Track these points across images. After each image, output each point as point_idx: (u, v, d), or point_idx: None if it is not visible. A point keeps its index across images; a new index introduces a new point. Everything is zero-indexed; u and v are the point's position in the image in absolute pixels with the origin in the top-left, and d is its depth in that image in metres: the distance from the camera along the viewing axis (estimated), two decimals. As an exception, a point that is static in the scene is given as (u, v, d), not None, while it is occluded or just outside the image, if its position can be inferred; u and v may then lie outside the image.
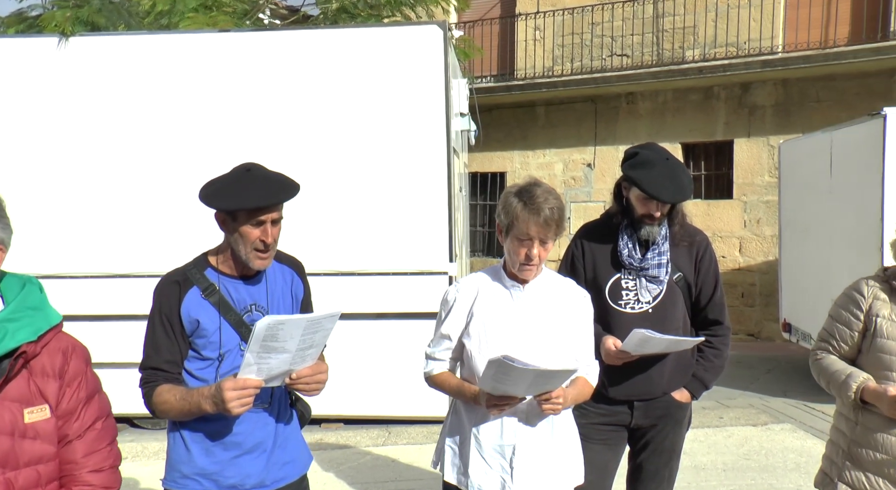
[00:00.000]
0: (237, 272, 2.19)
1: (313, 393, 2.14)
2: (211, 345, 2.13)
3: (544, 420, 2.28)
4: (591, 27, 11.49)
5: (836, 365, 2.45)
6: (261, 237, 2.10)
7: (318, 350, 2.07)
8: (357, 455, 5.31)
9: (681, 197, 2.66)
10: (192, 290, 2.14)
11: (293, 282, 2.32)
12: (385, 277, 5.67)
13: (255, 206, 2.06)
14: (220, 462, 2.15)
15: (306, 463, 2.36)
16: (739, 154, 10.79)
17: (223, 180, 2.13)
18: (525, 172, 12.08)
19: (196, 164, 5.67)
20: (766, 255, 10.51)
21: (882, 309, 2.38)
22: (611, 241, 2.76)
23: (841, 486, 2.44)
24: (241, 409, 1.97)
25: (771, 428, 5.85)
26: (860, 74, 9.85)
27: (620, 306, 2.73)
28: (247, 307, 2.18)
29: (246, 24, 8.75)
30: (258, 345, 1.88)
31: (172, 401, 2.06)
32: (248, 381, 1.95)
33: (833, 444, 2.55)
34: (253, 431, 2.17)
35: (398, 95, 5.66)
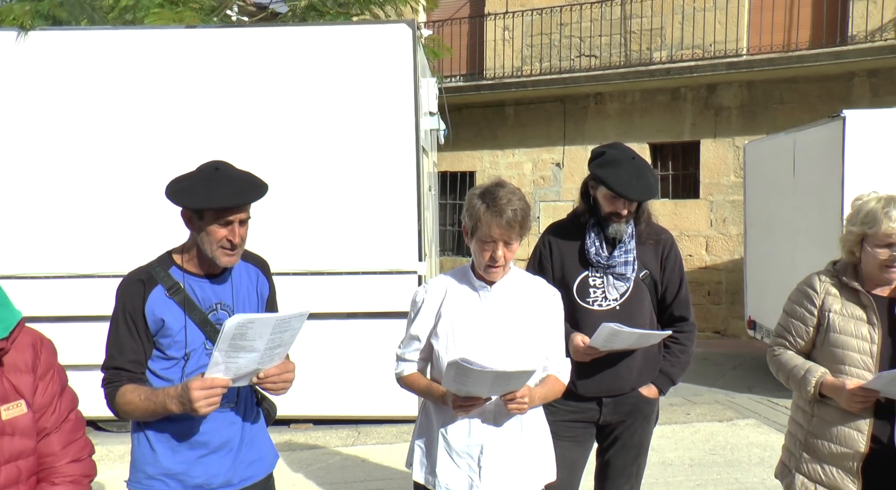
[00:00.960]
0: (203, 271, 2.16)
1: (280, 392, 2.12)
2: (176, 344, 2.11)
3: (512, 419, 2.29)
4: (560, 28, 11.57)
5: (794, 360, 2.50)
6: (228, 237, 2.08)
7: (286, 349, 2.05)
8: (326, 455, 5.28)
9: (647, 195, 2.70)
10: (156, 289, 2.10)
11: (258, 281, 2.30)
12: (354, 277, 5.65)
13: (222, 205, 2.04)
14: (185, 462, 2.12)
15: (272, 461, 2.34)
16: (706, 154, 10.95)
17: (191, 178, 2.10)
18: (494, 172, 12.12)
19: (160, 163, 5.58)
20: (732, 254, 10.69)
21: (834, 304, 2.44)
22: (578, 240, 2.80)
23: (798, 476, 2.50)
24: (208, 409, 1.95)
25: (736, 423, 5.95)
26: (821, 77, 10.06)
27: (588, 304, 2.75)
28: (212, 306, 2.15)
29: (213, 21, 8.64)
30: (227, 343, 1.86)
31: (137, 401, 2.03)
32: (216, 380, 1.93)
33: (791, 435, 2.60)
34: (219, 430, 2.15)
35: (367, 94, 5.64)
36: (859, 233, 2.39)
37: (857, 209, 2.43)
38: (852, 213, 2.45)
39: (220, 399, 1.97)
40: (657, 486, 4.57)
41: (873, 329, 2.37)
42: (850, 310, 2.42)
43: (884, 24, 9.65)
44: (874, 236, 2.34)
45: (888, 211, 2.31)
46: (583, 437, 2.84)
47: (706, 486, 4.58)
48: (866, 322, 2.39)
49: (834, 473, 2.41)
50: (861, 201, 2.43)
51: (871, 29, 9.70)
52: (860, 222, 2.38)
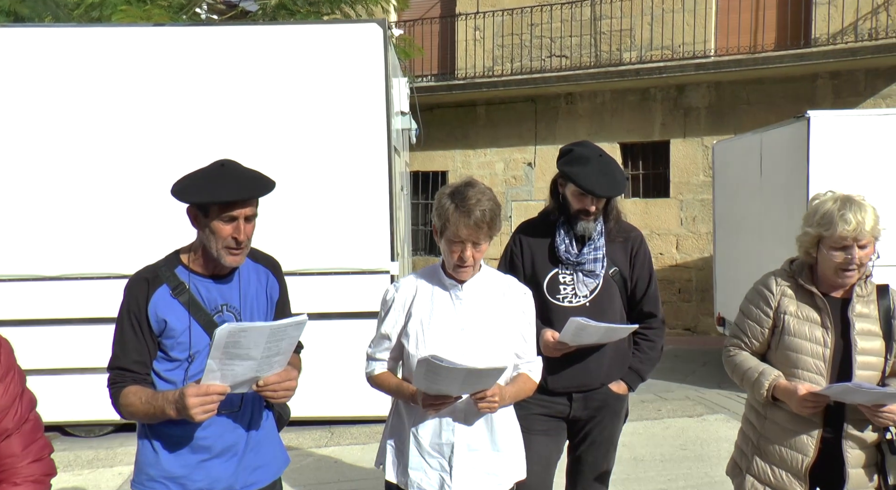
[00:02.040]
0: (209, 271, 2.12)
1: (281, 400, 2.10)
2: (180, 346, 2.07)
3: (483, 418, 2.29)
4: (531, 28, 11.63)
5: (749, 362, 2.49)
6: (233, 234, 2.04)
7: (286, 357, 2.02)
8: (300, 456, 5.25)
9: (615, 191, 2.74)
10: (161, 289, 2.07)
11: (268, 282, 2.27)
12: (326, 277, 5.62)
13: (227, 199, 2.00)
14: (187, 466, 2.09)
15: (280, 466, 2.31)
16: (675, 154, 11.09)
17: (196, 175, 2.07)
18: (466, 171, 12.15)
19: (126, 163, 5.51)
20: (702, 252, 10.84)
21: (789, 306, 2.43)
22: (548, 238, 2.83)
23: (748, 477, 2.51)
24: (203, 416, 1.92)
25: (706, 418, 6.04)
26: (786, 78, 10.26)
27: (559, 300, 2.78)
28: (217, 307, 2.11)
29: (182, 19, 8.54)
30: (220, 351, 1.84)
31: (138, 404, 2.00)
32: (212, 387, 1.90)
33: (744, 435, 2.61)
34: (223, 435, 2.12)
35: (338, 94, 5.61)
36: (815, 234, 2.37)
37: (814, 210, 2.40)
38: (809, 213, 2.43)
39: (219, 405, 1.94)
40: (629, 481, 4.62)
41: (827, 332, 2.37)
42: (805, 312, 2.41)
43: (844, 28, 9.86)
44: (830, 238, 2.31)
45: (843, 214, 2.28)
46: (555, 431, 2.87)
47: (677, 481, 4.64)
48: (820, 325, 2.38)
49: (783, 476, 2.42)
50: (818, 201, 2.41)
51: (832, 32, 9.92)
52: (816, 224, 2.36)
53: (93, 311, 5.31)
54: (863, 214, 2.29)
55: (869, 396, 2.24)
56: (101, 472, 4.98)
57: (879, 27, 9.70)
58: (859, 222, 2.27)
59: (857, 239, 2.29)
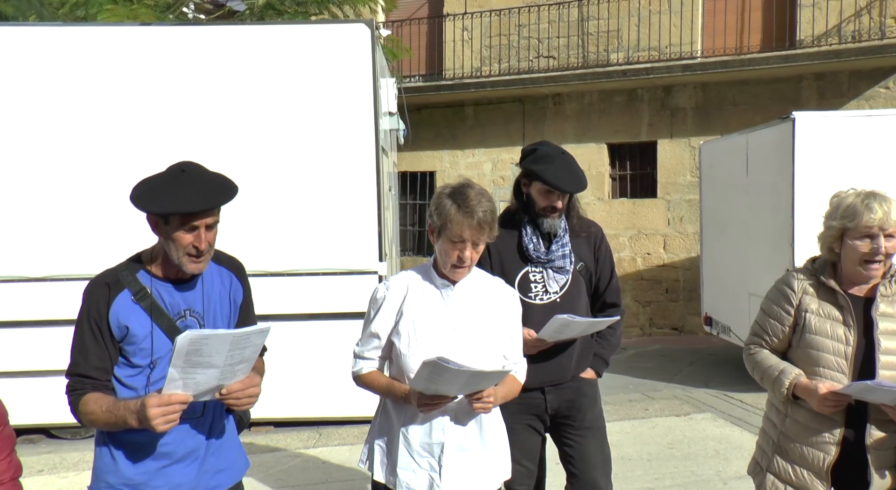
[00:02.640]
0: (171, 276, 2.09)
1: (245, 407, 2.07)
2: (142, 351, 2.04)
3: (473, 418, 2.30)
4: (518, 29, 11.65)
5: (770, 360, 2.48)
6: (194, 243, 2.00)
7: (249, 364, 2.00)
8: (287, 457, 5.23)
9: (580, 187, 2.82)
10: (122, 294, 2.03)
11: (232, 285, 2.23)
12: (314, 277, 5.60)
13: (187, 210, 1.96)
14: (147, 472, 2.07)
15: (241, 470, 2.29)
16: (662, 154, 11.14)
17: (156, 180, 2.02)
18: (454, 172, 12.16)
19: (113, 164, 5.47)
20: (689, 252, 10.90)
21: (811, 304, 2.41)
22: (515, 238, 2.88)
23: (769, 476, 2.51)
24: (165, 427, 1.88)
25: (693, 417, 6.07)
26: (772, 80, 10.34)
27: (530, 298, 2.82)
28: (180, 312, 2.08)
29: (169, 18, 8.49)
30: (181, 359, 1.81)
31: (98, 412, 1.97)
32: (174, 396, 1.87)
33: (765, 434, 2.60)
34: (184, 440, 2.09)
35: (325, 94, 5.60)
36: (840, 227, 2.35)
37: (836, 205, 2.39)
38: (831, 210, 2.41)
39: (181, 414, 1.91)
40: (616, 480, 4.59)
41: (849, 330, 2.35)
42: (827, 310, 2.39)
43: (828, 30, 9.95)
44: (855, 229, 2.31)
45: (868, 203, 2.29)
46: (535, 425, 2.91)
47: (664, 480, 4.67)
48: (842, 323, 2.37)
49: (804, 475, 2.41)
50: (839, 197, 2.41)
51: (817, 34, 10.00)
52: (840, 216, 2.35)
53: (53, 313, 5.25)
54: (888, 205, 2.30)
55: (891, 395, 2.21)
56: (87, 474, 4.91)
57: (862, 30, 9.80)
58: (885, 212, 2.28)
59: (882, 228, 2.28)
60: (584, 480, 2.93)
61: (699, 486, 4.53)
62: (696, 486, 4.54)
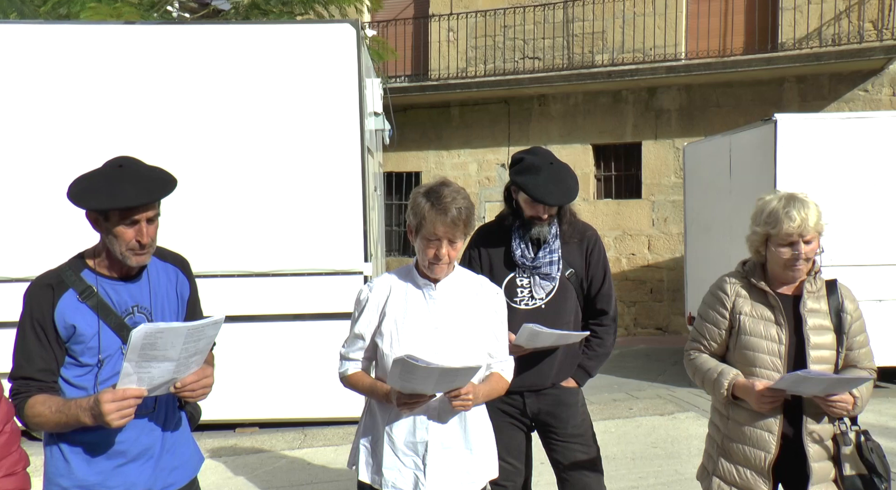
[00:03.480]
0: (116, 273, 2.08)
1: (199, 398, 2.08)
2: (90, 350, 2.02)
3: (456, 416, 2.31)
4: (504, 30, 11.68)
5: (709, 363, 2.55)
6: (136, 237, 2.00)
7: (203, 356, 2.00)
8: (272, 459, 5.22)
9: (565, 200, 2.80)
10: (67, 294, 2.01)
11: (178, 280, 2.23)
12: (300, 278, 5.60)
13: (126, 205, 1.96)
14: (102, 472, 2.04)
15: (196, 466, 2.29)
16: (647, 155, 11.21)
17: (92, 177, 2.01)
18: (440, 172, 12.16)
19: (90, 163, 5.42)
20: (674, 253, 10.97)
21: (744, 306, 2.49)
22: (504, 243, 2.89)
23: (715, 479, 2.56)
24: (121, 422, 1.87)
25: (676, 417, 6.12)
26: (754, 82, 10.44)
27: (516, 303, 2.84)
28: (128, 309, 2.07)
29: (153, 17, 8.44)
30: (136, 354, 1.81)
31: (47, 413, 1.94)
32: (129, 391, 1.86)
33: (710, 438, 2.66)
34: (138, 438, 2.08)
35: (311, 94, 5.59)
36: (763, 233, 2.44)
37: (760, 209, 2.47)
38: (755, 213, 2.49)
39: (135, 410, 1.90)
40: (601, 479, 4.67)
41: (781, 329, 2.43)
42: (759, 311, 2.47)
43: (809, 33, 10.07)
44: (777, 236, 2.39)
45: (788, 211, 2.36)
46: (518, 423, 2.92)
47: (647, 479, 4.70)
48: (774, 323, 2.44)
49: (747, 475, 2.47)
50: (763, 201, 2.48)
51: (798, 37, 10.12)
52: (763, 223, 2.43)
53: None
54: (806, 211, 2.37)
55: (821, 384, 2.29)
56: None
57: (842, 33, 9.92)
58: (803, 219, 2.35)
59: (802, 235, 2.37)
60: (576, 487, 2.94)
61: (682, 484, 4.57)
62: (679, 484, 4.58)
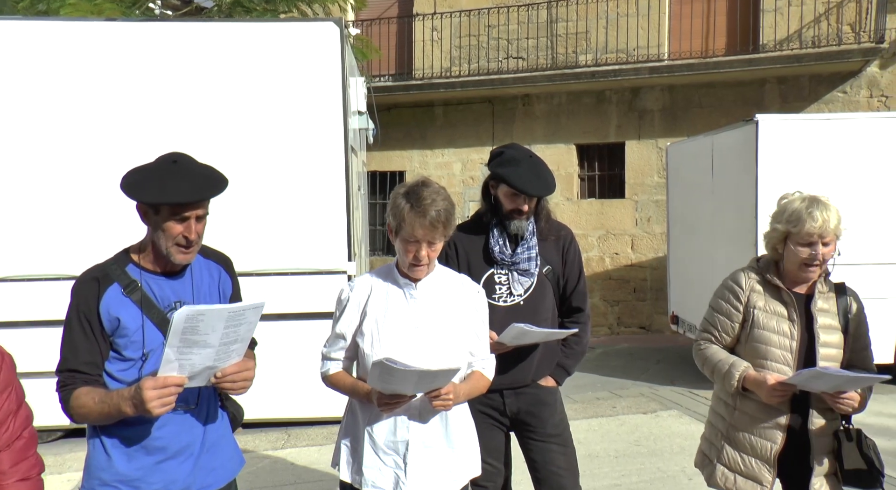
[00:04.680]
0: (160, 268, 2.09)
1: (240, 391, 2.07)
2: (133, 344, 2.02)
3: (437, 415, 2.31)
4: (488, 30, 11.70)
5: (719, 355, 2.60)
6: (184, 233, 2.01)
7: (244, 345, 2.00)
8: (255, 459, 5.19)
9: (546, 191, 2.82)
10: (112, 287, 2.02)
11: (220, 278, 2.25)
12: (283, 277, 5.57)
13: (178, 201, 1.97)
14: (142, 468, 2.04)
15: (235, 468, 2.27)
16: (630, 155, 11.27)
17: (147, 170, 2.02)
18: (424, 171, 12.15)
19: (78, 161, 5.37)
20: (657, 252, 11.04)
21: (758, 301, 2.55)
22: (482, 239, 2.90)
23: (719, 466, 2.63)
24: (162, 410, 1.88)
25: (659, 415, 6.16)
26: (736, 83, 10.53)
27: (494, 300, 2.84)
28: (171, 304, 2.08)
29: (135, 14, 8.36)
30: (178, 338, 1.81)
31: (91, 404, 1.95)
32: (169, 378, 1.87)
33: (712, 427, 2.72)
34: (179, 435, 2.07)
35: (294, 93, 5.56)
36: (784, 231, 2.49)
37: (783, 208, 2.52)
38: (778, 211, 2.54)
39: (176, 399, 1.91)
40: (584, 477, 4.64)
41: (793, 325, 2.50)
42: (773, 306, 2.53)
43: (790, 35, 10.17)
44: (797, 235, 2.44)
45: (811, 211, 2.41)
46: (497, 423, 2.93)
47: (630, 476, 4.73)
48: (787, 319, 2.51)
49: (752, 464, 2.54)
50: (786, 200, 2.53)
51: (779, 39, 10.22)
52: (785, 221, 2.48)
53: (38, 314, 5.16)
54: (828, 213, 2.42)
55: (833, 381, 2.35)
56: (50, 479, 4.83)
57: (821, 35, 10.04)
58: (825, 220, 2.40)
59: (822, 236, 2.42)
60: (551, 488, 2.95)
61: (665, 482, 4.59)
62: (661, 482, 4.61)
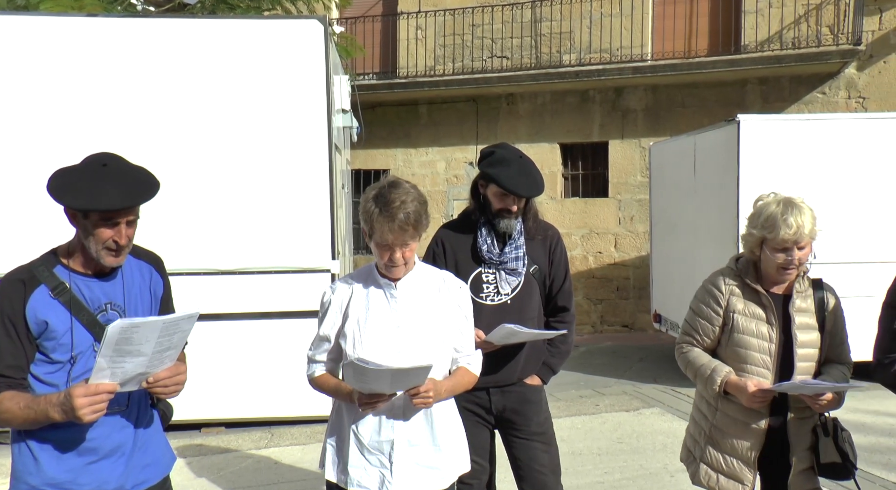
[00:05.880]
0: (90, 270, 2.05)
1: (172, 395, 2.07)
2: (61, 347, 1.99)
3: (422, 414, 2.31)
4: (472, 29, 11.71)
5: (701, 359, 2.63)
6: (114, 237, 1.98)
7: (177, 351, 1.99)
8: (239, 459, 5.16)
9: (535, 191, 2.84)
10: (39, 289, 1.98)
11: (152, 278, 2.22)
12: (266, 276, 5.55)
13: (108, 208, 1.94)
14: (72, 469, 2.01)
15: (168, 464, 2.27)
16: (614, 155, 11.33)
17: (76, 173, 1.98)
18: (408, 170, 12.15)
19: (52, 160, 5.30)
20: (640, 251, 11.11)
21: (738, 304, 2.58)
22: (470, 238, 2.90)
23: (702, 465, 2.67)
24: (92, 417, 1.86)
25: (642, 412, 6.20)
26: (718, 83, 10.62)
27: (482, 299, 2.85)
28: (101, 306, 2.05)
29: (117, 10, 8.28)
30: (111, 349, 1.79)
31: (15, 409, 1.91)
32: (101, 385, 1.85)
33: (696, 423, 2.76)
34: (110, 435, 2.05)
35: (278, 90, 5.54)
36: (759, 236, 2.51)
37: (758, 211, 2.53)
38: (753, 215, 2.56)
39: (108, 405, 1.89)
40: (567, 475, 4.68)
41: (772, 328, 2.53)
42: (752, 309, 2.56)
43: (770, 36, 10.28)
44: (773, 241, 2.47)
45: (786, 217, 2.43)
46: (483, 420, 2.94)
47: (613, 474, 4.76)
48: (766, 321, 2.54)
49: (734, 463, 2.59)
50: (762, 203, 2.55)
51: (760, 40, 10.32)
52: (760, 226, 2.50)
53: None
54: (802, 218, 2.44)
55: (814, 390, 2.42)
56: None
57: (801, 37, 10.15)
58: (799, 226, 2.43)
59: (796, 241, 2.45)
60: (534, 487, 2.96)
61: (647, 479, 4.63)
62: (644, 479, 4.64)
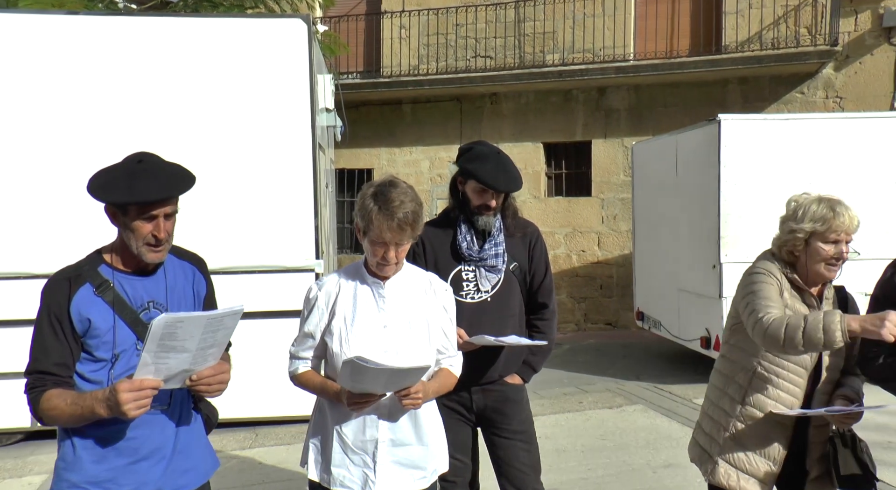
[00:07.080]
0: (133, 268, 2.08)
1: (215, 394, 2.07)
2: (104, 345, 2.00)
3: (406, 413, 2.32)
4: (456, 28, 11.73)
5: (799, 316, 2.33)
6: (153, 231, 2.01)
7: (221, 349, 2.00)
8: (223, 459, 5.13)
9: (514, 186, 2.86)
10: (83, 288, 2.00)
11: (195, 278, 2.24)
12: (250, 275, 5.53)
13: (145, 200, 1.97)
14: (113, 469, 2.02)
15: (209, 470, 2.26)
16: (597, 154, 11.40)
17: (113, 171, 2.02)
18: (392, 169, 12.14)
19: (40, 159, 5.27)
20: (623, 249, 11.18)
21: (788, 297, 2.49)
22: (450, 236, 2.91)
23: (722, 463, 2.55)
24: (137, 412, 1.86)
25: (625, 409, 6.25)
26: (700, 83, 10.71)
27: (462, 297, 2.86)
28: (144, 304, 2.06)
29: (98, 7, 8.21)
30: (155, 344, 1.80)
31: (62, 406, 1.92)
32: (146, 381, 1.86)
33: (713, 421, 2.62)
34: (151, 436, 2.05)
35: (261, 89, 5.53)
36: (809, 230, 2.44)
37: (802, 208, 2.46)
38: (790, 213, 2.49)
39: (151, 401, 1.90)
40: (551, 472, 4.73)
41: None
42: (797, 307, 2.47)
43: (751, 37, 10.39)
44: (825, 233, 2.41)
45: (837, 209, 2.41)
46: (465, 418, 2.95)
47: (596, 470, 4.80)
48: None
49: (757, 461, 2.50)
50: (799, 202, 2.49)
51: (740, 40, 10.43)
52: (810, 220, 2.43)
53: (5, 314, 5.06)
54: (852, 211, 2.44)
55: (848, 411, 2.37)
56: (9, 482, 4.75)
57: (780, 37, 10.27)
58: (851, 217, 2.43)
59: (847, 233, 2.43)
60: (514, 485, 2.96)
61: (630, 475, 4.67)
62: (627, 475, 4.68)
